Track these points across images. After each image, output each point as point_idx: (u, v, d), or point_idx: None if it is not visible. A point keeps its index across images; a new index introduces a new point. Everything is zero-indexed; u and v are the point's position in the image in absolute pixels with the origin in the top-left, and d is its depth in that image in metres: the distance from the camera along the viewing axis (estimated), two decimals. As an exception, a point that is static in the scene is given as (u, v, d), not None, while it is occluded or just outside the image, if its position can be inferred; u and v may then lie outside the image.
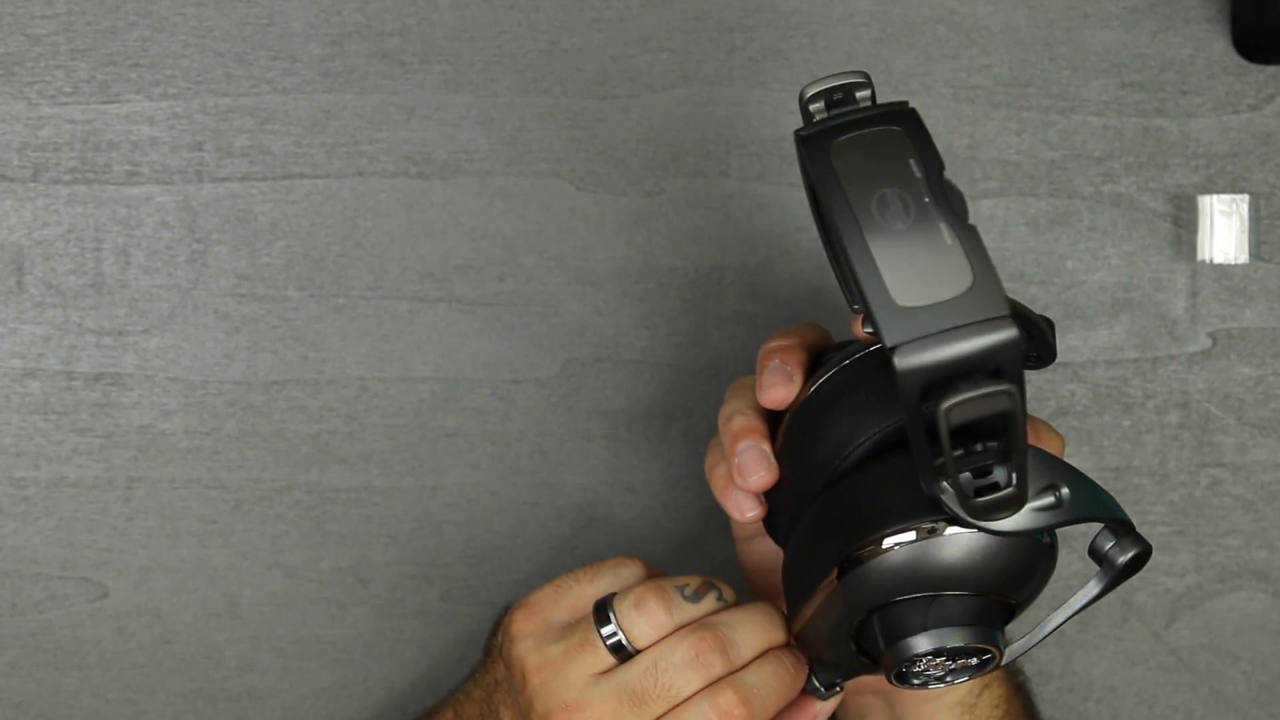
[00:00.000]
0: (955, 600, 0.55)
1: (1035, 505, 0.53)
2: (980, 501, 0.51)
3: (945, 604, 0.55)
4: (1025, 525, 0.53)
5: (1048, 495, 0.53)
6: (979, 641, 0.55)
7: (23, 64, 0.74)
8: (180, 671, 0.76)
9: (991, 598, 0.55)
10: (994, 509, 0.52)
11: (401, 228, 0.74)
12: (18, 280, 0.74)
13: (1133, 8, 0.74)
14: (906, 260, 0.47)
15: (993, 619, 0.56)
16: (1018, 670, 0.69)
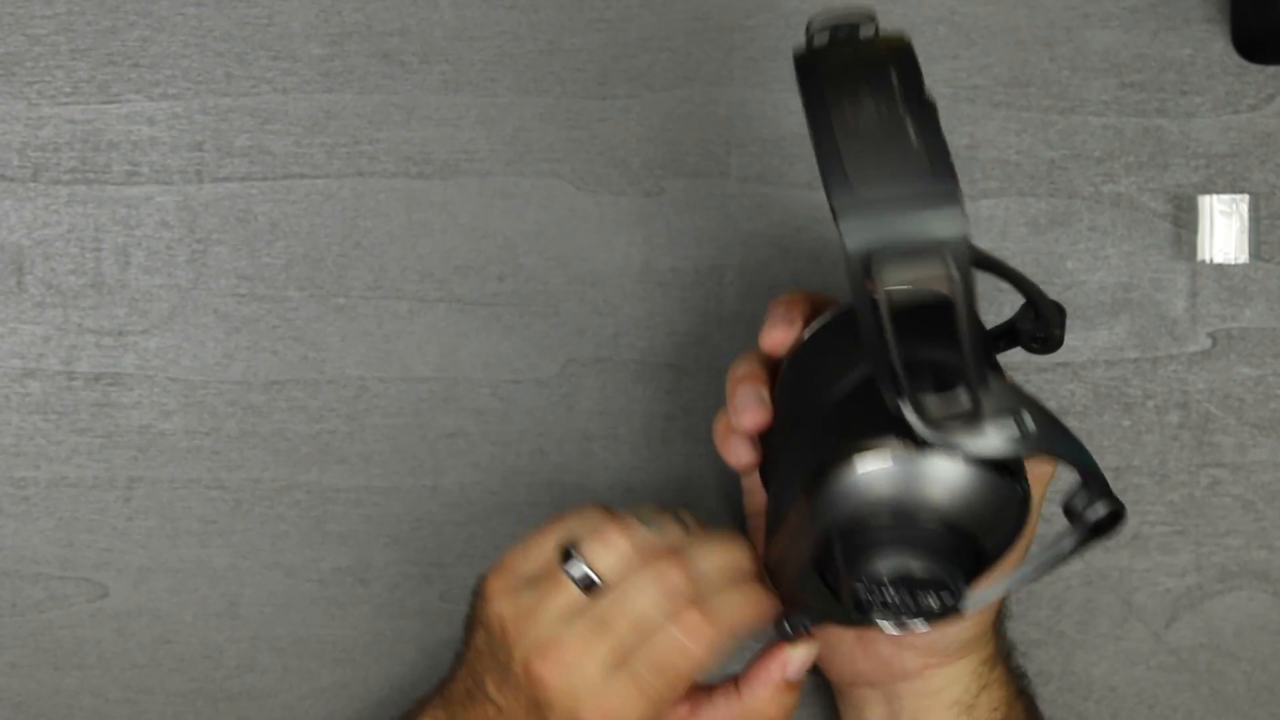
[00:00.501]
0: (918, 528, 0.55)
1: (998, 431, 0.54)
2: (935, 413, 0.52)
3: (908, 530, 0.55)
4: (986, 450, 0.53)
5: (1010, 422, 0.54)
6: (938, 574, 0.55)
7: (23, 64, 0.74)
8: (180, 671, 0.76)
9: (956, 533, 0.55)
10: (950, 422, 0.52)
11: (401, 228, 0.74)
12: (18, 280, 0.74)
13: (1133, 8, 0.74)
14: (871, 155, 0.49)
15: (956, 556, 0.55)
16: (1021, 674, 0.69)
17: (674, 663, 0.58)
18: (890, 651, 0.65)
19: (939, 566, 0.55)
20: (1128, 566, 0.75)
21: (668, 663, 0.58)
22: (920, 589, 0.55)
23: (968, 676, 0.65)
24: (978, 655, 0.65)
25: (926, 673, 0.65)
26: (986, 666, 0.65)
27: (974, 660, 0.65)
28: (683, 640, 0.58)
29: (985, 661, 0.65)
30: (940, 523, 0.55)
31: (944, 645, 0.64)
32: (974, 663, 0.65)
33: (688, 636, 0.58)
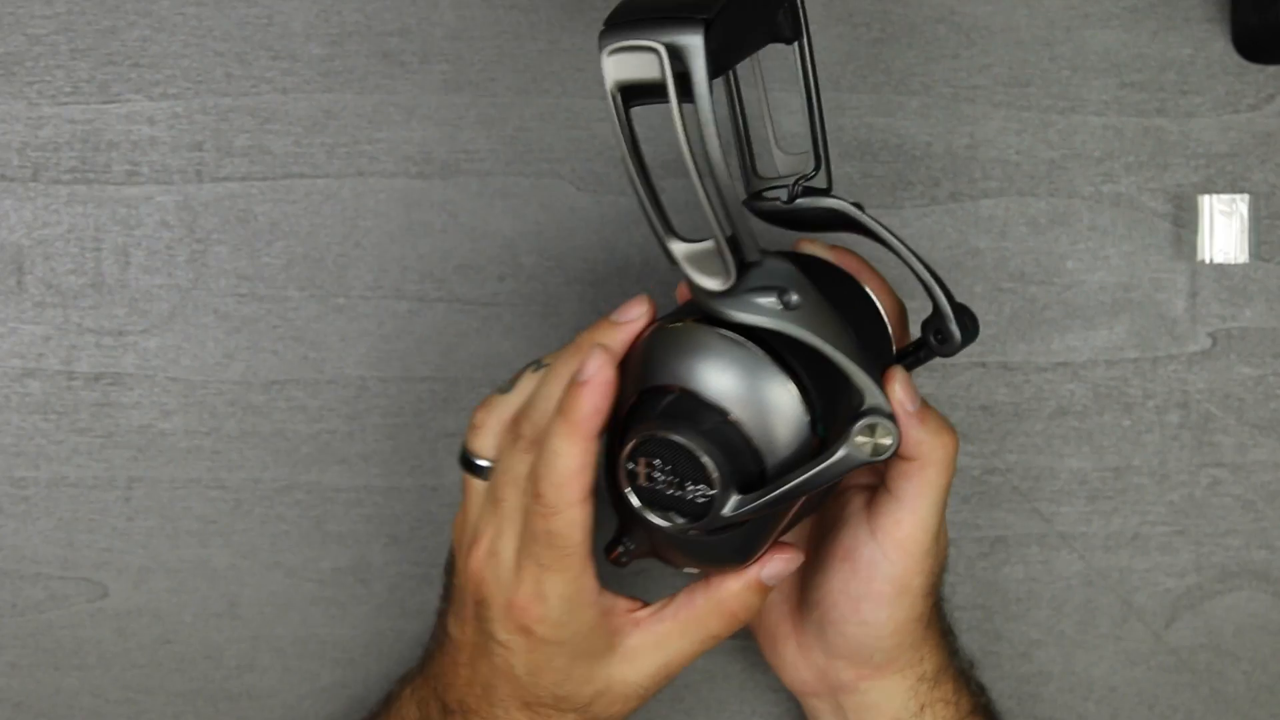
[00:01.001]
0: (687, 402, 0.56)
1: (757, 298, 0.55)
2: (688, 259, 0.55)
3: (678, 404, 0.56)
4: (740, 311, 0.55)
5: (770, 295, 0.56)
6: (696, 450, 0.55)
7: (23, 64, 0.74)
8: (180, 671, 0.76)
9: (728, 421, 0.56)
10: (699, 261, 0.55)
11: (401, 228, 0.74)
12: (18, 280, 0.74)
13: (1133, 8, 0.74)
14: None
15: (724, 444, 0.56)
16: (978, 692, 0.69)
17: (543, 525, 0.58)
18: (824, 662, 0.66)
19: (698, 441, 0.55)
20: (1128, 566, 0.76)
21: (540, 527, 0.58)
22: (680, 472, 0.56)
23: (903, 693, 0.65)
24: (911, 672, 0.65)
25: (862, 685, 0.65)
26: (925, 685, 0.65)
27: (908, 677, 0.65)
28: (536, 503, 0.58)
29: (922, 679, 0.65)
30: (716, 414, 0.56)
31: (867, 655, 0.64)
32: (909, 679, 0.65)
33: (538, 494, 0.58)
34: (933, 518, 0.61)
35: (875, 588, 0.62)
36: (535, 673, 0.60)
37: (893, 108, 0.74)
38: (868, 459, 0.56)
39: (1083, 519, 0.75)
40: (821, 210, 0.62)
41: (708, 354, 0.56)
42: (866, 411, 0.56)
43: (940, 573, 0.64)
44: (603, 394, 0.58)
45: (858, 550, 0.62)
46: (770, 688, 0.76)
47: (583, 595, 0.59)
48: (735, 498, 0.56)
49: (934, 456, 0.60)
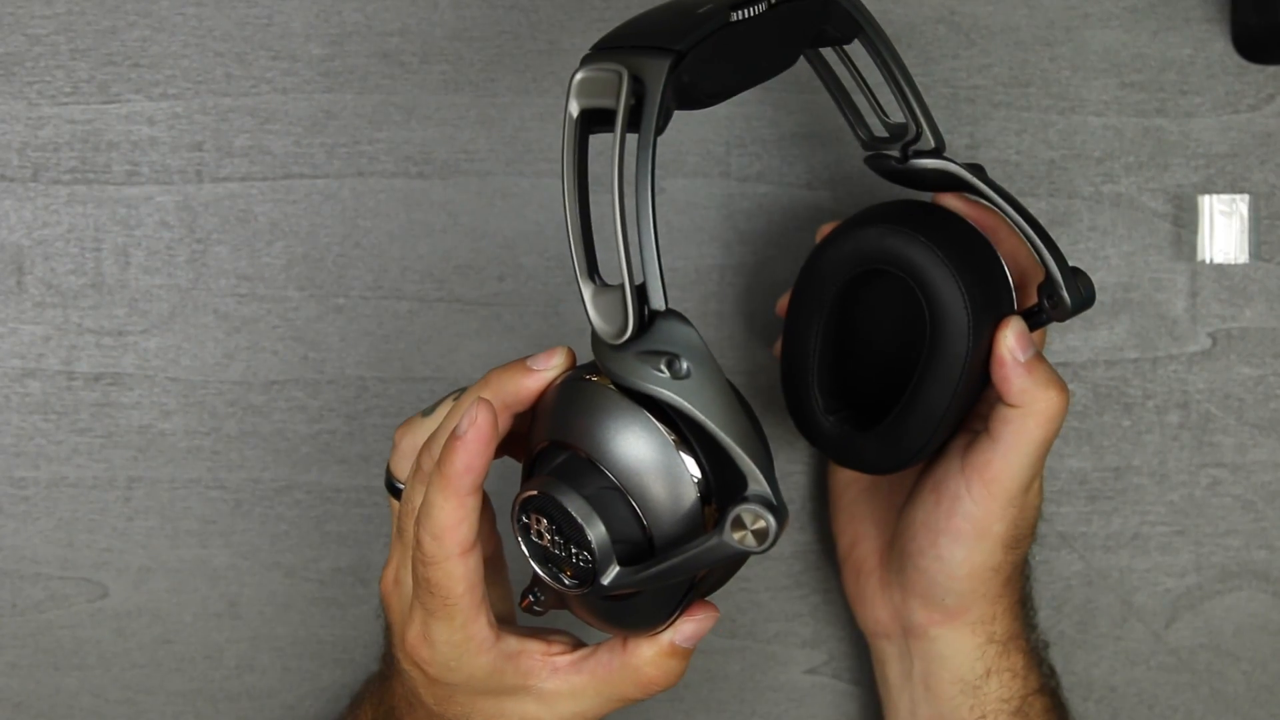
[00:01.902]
0: (578, 464, 0.54)
1: (645, 364, 0.53)
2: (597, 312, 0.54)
3: (570, 464, 0.55)
4: (627, 374, 0.53)
5: (659, 359, 0.53)
6: (576, 515, 0.53)
7: (23, 64, 0.74)
8: (180, 671, 0.76)
9: (614, 489, 0.53)
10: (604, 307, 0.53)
11: (401, 228, 0.74)
12: (18, 280, 0.74)
13: (1133, 8, 0.74)
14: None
15: (607, 512, 0.53)
16: (1050, 674, 0.69)
17: (423, 573, 0.57)
18: (900, 600, 0.67)
19: (577, 503, 0.53)
20: (1128, 566, 0.76)
21: (420, 574, 0.57)
22: (570, 542, 0.54)
23: (971, 651, 0.66)
24: (982, 629, 0.66)
25: (931, 630, 0.66)
26: (994, 649, 0.66)
27: (978, 634, 0.66)
28: (418, 551, 0.57)
29: (991, 641, 0.66)
30: (603, 479, 0.54)
31: (940, 595, 0.65)
32: (978, 638, 0.66)
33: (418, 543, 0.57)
34: (1023, 467, 0.62)
35: (954, 523, 0.63)
36: (440, 703, 0.60)
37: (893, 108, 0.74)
38: (740, 549, 0.52)
39: (1083, 519, 0.75)
40: (933, 172, 0.64)
41: (604, 417, 0.54)
42: (747, 498, 0.51)
43: (1028, 532, 0.65)
44: (475, 450, 0.55)
45: (945, 483, 0.63)
46: (770, 688, 0.76)
47: (471, 643, 0.57)
48: (615, 569, 0.54)
49: (1036, 407, 0.61)
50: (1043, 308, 0.62)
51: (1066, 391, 0.61)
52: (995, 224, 0.64)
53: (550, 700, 0.59)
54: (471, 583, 0.56)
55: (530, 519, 0.55)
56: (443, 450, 0.56)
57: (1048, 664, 0.69)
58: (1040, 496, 0.65)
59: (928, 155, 0.64)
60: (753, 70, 0.57)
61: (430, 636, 0.57)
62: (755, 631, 0.76)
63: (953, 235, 0.63)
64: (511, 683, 0.59)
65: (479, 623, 0.57)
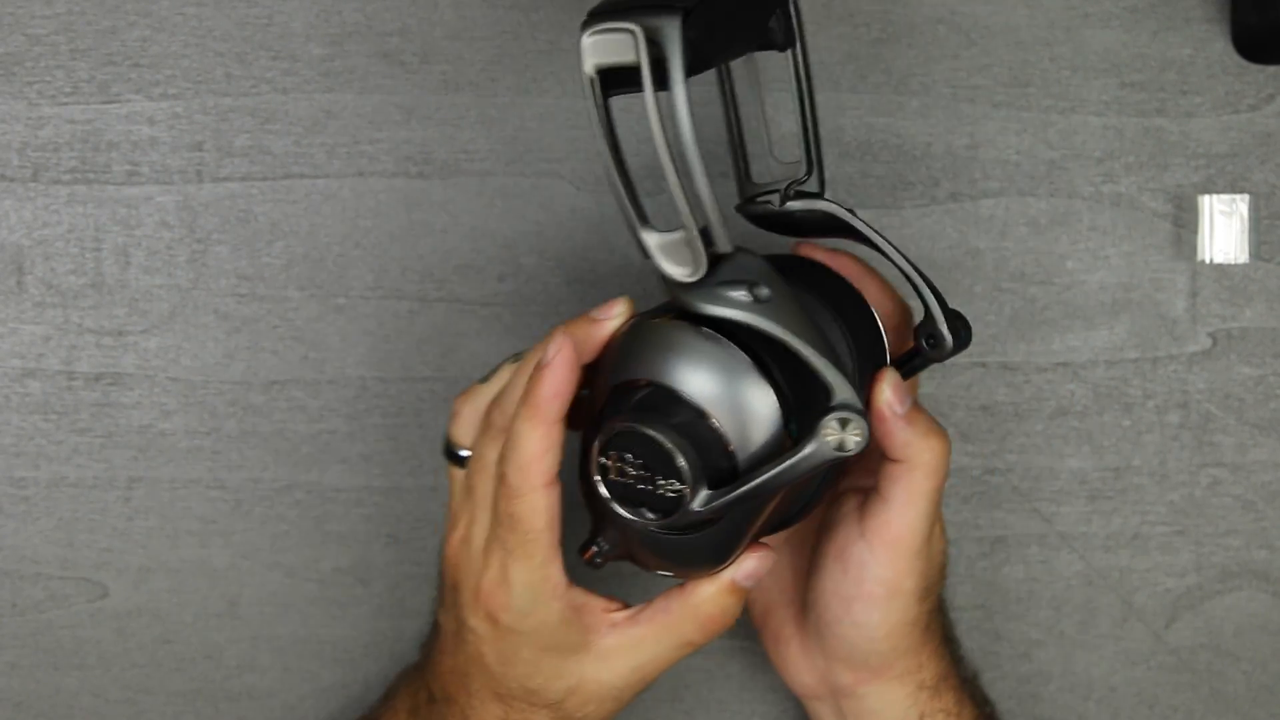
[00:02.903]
0: (660, 397, 0.56)
1: (727, 290, 0.55)
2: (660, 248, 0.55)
3: (651, 398, 0.56)
4: (709, 304, 0.55)
5: (739, 287, 0.55)
6: (667, 444, 0.55)
7: (23, 64, 0.74)
8: (180, 671, 0.76)
9: (700, 417, 0.55)
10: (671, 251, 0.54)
11: (401, 228, 0.74)
12: (18, 280, 0.74)
13: (1133, 8, 0.74)
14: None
15: (695, 439, 0.55)
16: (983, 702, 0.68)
17: (507, 509, 0.58)
18: (824, 665, 0.66)
19: (667, 434, 0.55)
20: (1128, 566, 0.76)
21: (504, 510, 0.59)
22: (656, 473, 0.56)
23: (903, 701, 0.65)
24: (910, 679, 0.65)
25: (860, 689, 0.65)
26: (925, 693, 0.65)
27: (907, 684, 0.65)
28: (502, 487, 0.59)
29: (922, 687, 0.65)
30: (688, 409, 0.56)
31: (862, 658, 0.64)
32: (907, 687, 0.65)
33: (503, 478, 0.59)
34: (921, 520, 0.61)
35: (866, 589, 0.62)
36: (504, 662, 0.60)
37: (893, 108, 0.74)
38: (835, 455, 0.55)
39: (1083, 519, 0.75)
40: (814, 213, 0.62)
41: (681, 349, 0.56)
42: (836, 407, 0.55)
43: (937, 579, 0.64)
44: (562, 376, 0.57)
45: (849, 550, 0.62)
46: (770, 688, 0.76)
47: (547, 585, 0.59)
48: (705, 493, 0.55)
49: (921, 459, 0.60)
50: (921, 350, 0.61)
51: (948, 437, 0.61)
52: (858, 271, 0.63)
53: (609, 657, 0.60)
54: (552, 518, 0.58)
55: (610, 459, 0.57)
56: (530, 381, 0.58)
57: (980, 694, 0.69)
58: (943, 539, 0.64)
59: (809, 197, 0.62)
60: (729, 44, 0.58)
61: (508, 578, 0.59)
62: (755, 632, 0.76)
63: (830, 290, 0.62)
64: (574, 639, 0.60)
65: (556, 564, 0.59)
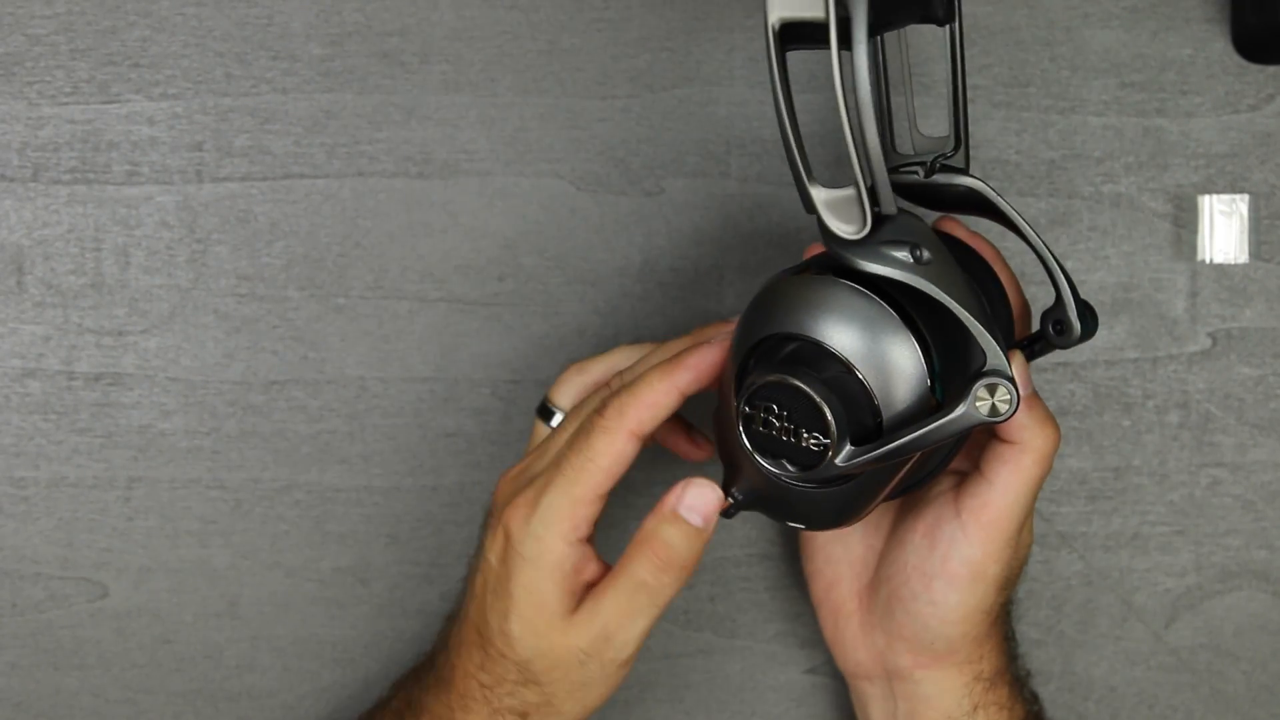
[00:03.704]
0: (810, 351, 0.57)
1: (890, 250, 0.56)
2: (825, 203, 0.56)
3: (800, 351, 0.57)
4: (872, 261, 0.56)
5: (902, 248, 0.56)
6: (816, 397, 0.56)
7: (23, 64, 0.74)
8: (180, 671, 0.76)
9: (849, 372, 0.56)
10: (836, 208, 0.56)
11: (401, 228, 0.74)
12: (18, 280, 0.74)
13: (1133, 8, 0.74)
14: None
15: (843, 395, 0.56)
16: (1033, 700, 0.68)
17: (586, 436, 0.60)
18: (884, 644, 0.66)
19: (817, 386, 0.56)
20: (1128, 566, 0.76)
21: (583, 437, 0.60)
22: (801, 426, 0.57)
23: (958, 690, 0.65)
24: (970, 668, 0.65)
25: (917, 673, 0.65)
26: (981, 685, 0.65)
27: (965, 673, 0.65)
28: (596, 416, 0.60)
29: (978, 679, 0.65)
30: (838, 364, 0.57)
31: (930, 640, 0.64)
32: (965, 676, 0.65)
33: (602, 409, 0.60)
34: (1020, 506, 0.61)
35: (951, 567, 0.62)
36: (497, 590, 0.61)
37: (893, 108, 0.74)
38: (985, 419, 0.56)
39: (1083, 519, 0.75)
40: (958, 189, 0.63)
41: (833, 305, 0.57)
42: (989, 372, 0.56)
43: (1018, 572, 0.64)
44: (710, 360, 0.60)
45: (940, 527, 0.62)
46: (770, 688, 0.76)
47: (568, 522, 0.60)
48: (849, 449, 0.56)
49: (1033, 444, 0.60)
50: (1046, 335, 0.61)
51: (1059, 429, 0.61)
52: (993, 255, 0.64)
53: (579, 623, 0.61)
54: (617, 466, 0.60)
55: (756, 409, 0.57)
56: (686, 349, 0.60)
57: (1029, 690, 0.69)
58: (1031, 535, 0.64)
59: (954, 172, 0.63)
60: (897, 12, 0.58)
61: (544, 492, 0.60)
62: (755, 631, 0.76)
63: (973, 268, 0.63)
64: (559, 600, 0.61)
65: (588, 510, 0.60)
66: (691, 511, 0.60)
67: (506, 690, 0.62)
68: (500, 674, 0.62)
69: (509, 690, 0.62)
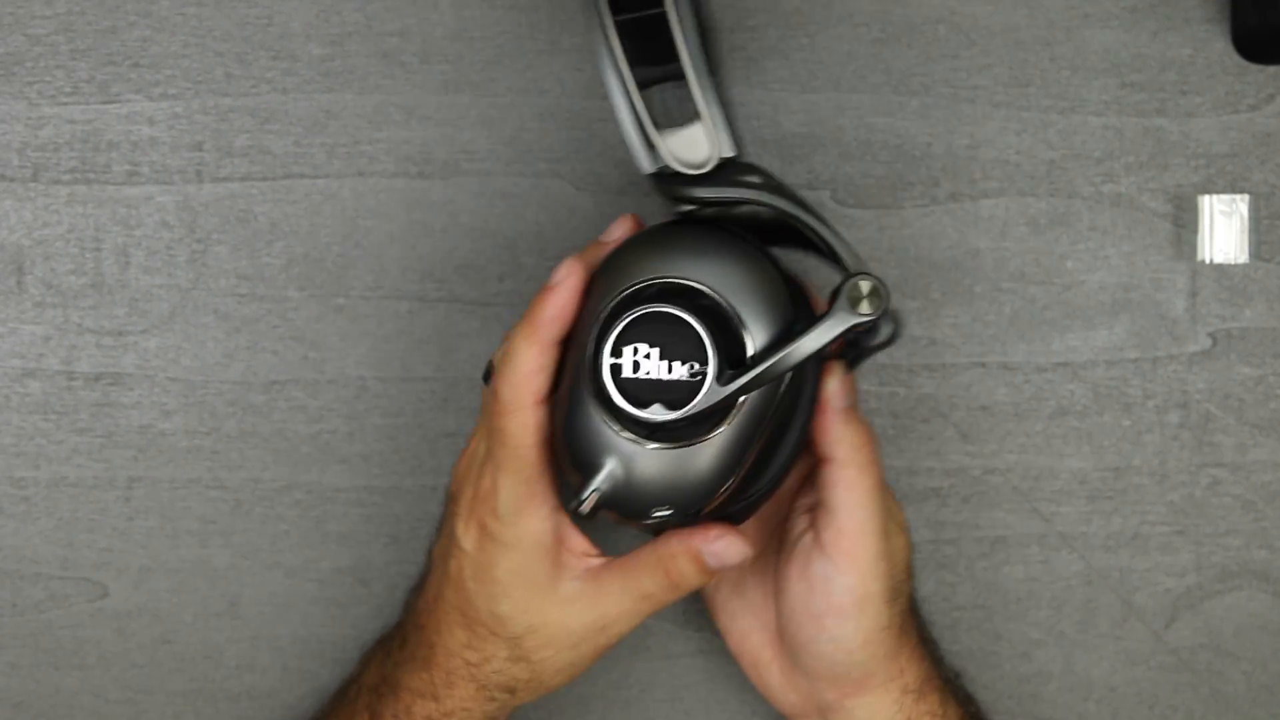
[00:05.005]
0: (673, 286, 0.57)
1: (743, 175, 0.58)
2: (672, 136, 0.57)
3: (664, 289, 0.58)
4: (726, 187, 0.58)
5: (754, 174, 0.58)
6: (689, 319, 0.56)
7: (23, 64, 0.74)
8: (180, 671, 0.76)
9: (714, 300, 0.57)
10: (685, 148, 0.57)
11: (401, 228, 0.74)
12: (18, 280, 0.74)
13: (1133, 8, 0.74)
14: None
15: (712, 319, 0.56)
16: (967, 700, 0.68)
17: (498, 424, 0.60)
18: (807, 685, 0.66)
19: (689, 316, 0.56)
20: (1128, 566, 0.76)
21: (496, 425, 0.60)
22: (674, 358, 0.57)
23: (889, 708, 0.65)
24: (894, 685, 0.65)
25: (846, 703, 0.65)
26: (910, 698, 0.65)
27: (891, 690, 0.65)
28: (495, 403, 0.61)
29: (906, 692, 0.65)
30: (701, 295, 0.57)
31: (843, 672, 0.64)
32: (892, 693, 0.65)
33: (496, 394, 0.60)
34: (871, 519, 0.61)
35: (834, 601, 0.62)
36: (479, 578, 0.62)
37: (893, 108, 0.74)
38: (859, 316, 0.57)
39: (1083, 519, 0.75)
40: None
41: (683, 241, 0.58)
42: (855, 274, 0.57)
43: (903, 577, 0.64)
44: (565, 302, 0.59)
45: (811, 567, 0.62)
46: (770, 688, 0.76)
47: (534, 499, 0.60)
48: (727, 372, 0.57)
49: (852, 457, 0.61)
50: (857, 340, 0.61)
51: (871, 431, 0.61)
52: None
53: (574, 601, 0.61)
54: (541, 437, 0.60)
55: (622, 354, 0.57)
56: (532, 301, 0.59)
57: (963, 692, 0.69)
58: (904, 535, 0.64)
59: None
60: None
61: (498, 485, 0.60)
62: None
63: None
64: (547, 571, 0.61)
65: (544, 482, 0.61)
66: (715, 558, 0.61)
67: (495, 668, 0.63)
68: (490, 652, 0.62)
69: (497, 668, 0.63)
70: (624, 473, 0.59)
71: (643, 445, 0.58)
